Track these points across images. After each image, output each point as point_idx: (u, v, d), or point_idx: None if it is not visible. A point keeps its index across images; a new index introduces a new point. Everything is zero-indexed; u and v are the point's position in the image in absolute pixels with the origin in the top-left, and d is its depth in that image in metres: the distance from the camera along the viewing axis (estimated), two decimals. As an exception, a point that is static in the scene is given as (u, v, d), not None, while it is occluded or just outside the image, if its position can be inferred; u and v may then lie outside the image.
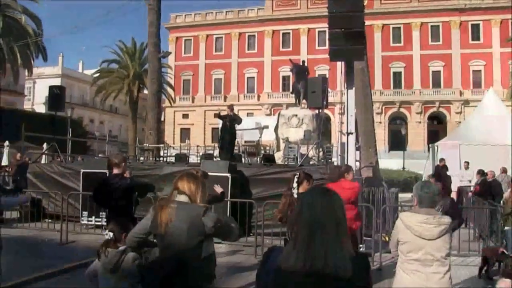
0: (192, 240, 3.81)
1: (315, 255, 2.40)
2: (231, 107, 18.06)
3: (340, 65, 16.50)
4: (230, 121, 17.43)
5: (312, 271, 2.38)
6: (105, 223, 14.15)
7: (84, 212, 14.53)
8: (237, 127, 17.58)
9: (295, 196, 6.88)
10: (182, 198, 3.99)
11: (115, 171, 7.53)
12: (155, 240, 4.20)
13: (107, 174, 8.44)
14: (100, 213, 14.28)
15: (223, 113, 17.60)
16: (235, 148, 19.08)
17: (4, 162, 23.43)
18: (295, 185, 7.03)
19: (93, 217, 14.46)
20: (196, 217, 3.83)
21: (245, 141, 30.26)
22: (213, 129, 64.26)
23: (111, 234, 5.02)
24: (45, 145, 23.62)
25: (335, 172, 8.81)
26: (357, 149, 16.33)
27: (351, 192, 8.01)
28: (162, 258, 3.94)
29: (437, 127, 63.40)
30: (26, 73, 44.02)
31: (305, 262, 2.40)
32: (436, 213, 4.59)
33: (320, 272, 2.38)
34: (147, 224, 4.06)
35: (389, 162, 38.89)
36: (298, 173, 7.29)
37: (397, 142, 58.83)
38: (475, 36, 63.49)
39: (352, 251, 2.49)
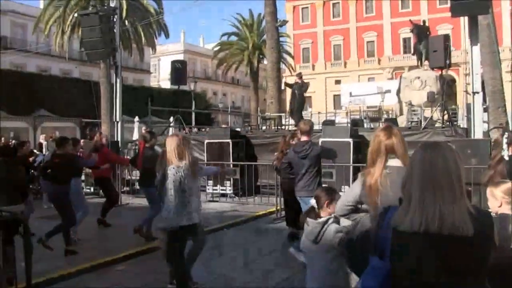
0: None
1: (430, 216, 2.29)
2: (299, 75, 18.92)
3: (463, 22, 15.78)
4: (299, 89, 17.86)
5: (429, 232, 2.28)
6: (229, 191, 14.83)
7: (209, 181, 15.16)
8: (358, 93, 17.64)
9: (506, 158, 6.18)
10: (394, 162, 3.63)
11: (304, 138, 7.54)
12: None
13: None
14: (225, 182, 14.87)
15: (291, 81, 18.37)
16: (357, 113, 19.07)
17: (135, 136, 24.83)
18: (505, 146, 6.65)
19: (218, 186, 15.03)
20: None
21: (367, 107, 29.91)
22: (334, 96, 63.73)
23: (313, 201, 4.62)
24: (171, 119, 24.80)
25: None
26: (485, 110, 15.65)
27: None
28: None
29: None
30: (151, 51, 46.08)
31: (421, 223, 2.29)
32: None
33: (437, 233, 2.27)
34: (358, 191, 3.76)
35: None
36: (508, 134, 6.95)
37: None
38: None
39: (472, 209, 2.32)
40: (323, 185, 6.67)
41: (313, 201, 4.60)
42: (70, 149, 9.01)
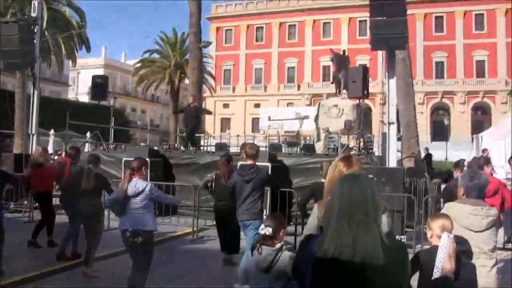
0: None
1: (344, 243, 2.32)
2: (194, 96, 19.07)
3: (381, 55, 16.33)
4: (195, 111, 18.17)
5: (342, 259, 2.31)
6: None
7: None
8: (277, 117, 17.80)
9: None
10: None
11: (249, 161, 7.47)
12: None
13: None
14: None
15: (186, 103, 18.59)
16: (275, 138, 19.21)
17: (50, 150, 23.95)
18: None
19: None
20: None
21: (285, 131, 30.21)
22: (253, 119, 64.35)
23: (270, 229, 4.43)
24: (88, 134, 24.07)
25: (475, 163, 8.72)
26: (399, 139, 16.17)
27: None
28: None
29: (481, 118, 62.08)
30: (70, 64, 44.88)
31: (334, 251, 2.33)
32: (484, 205, 4.47)
33: (349, 261, 2.30)
34: (316, 223, 3.75)
35: (432, 153, 38.33)
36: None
37: (440, 132, 57.90)
38: (522, 24, 61.59)
39: (386, 239, 2.38)
40: (274, 213, 6.57)
41: (267, 230, 4.44)
42: None
